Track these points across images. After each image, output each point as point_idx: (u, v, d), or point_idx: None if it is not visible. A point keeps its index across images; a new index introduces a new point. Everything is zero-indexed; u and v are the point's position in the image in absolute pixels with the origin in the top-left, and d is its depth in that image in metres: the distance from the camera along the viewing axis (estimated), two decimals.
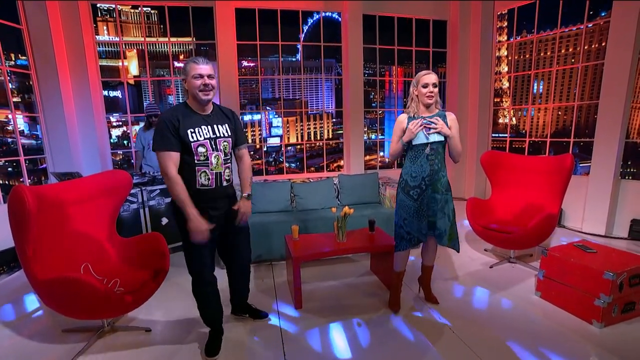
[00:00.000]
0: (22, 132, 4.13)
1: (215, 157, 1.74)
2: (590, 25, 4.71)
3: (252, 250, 3.10)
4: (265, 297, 2.56)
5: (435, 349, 1.92)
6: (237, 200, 1.93)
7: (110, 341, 2.06)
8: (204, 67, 1.66)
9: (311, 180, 3.92)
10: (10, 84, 3.89)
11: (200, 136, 1.70)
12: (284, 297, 2.56)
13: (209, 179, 1.73)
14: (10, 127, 4.08)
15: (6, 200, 3.59)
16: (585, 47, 4.89)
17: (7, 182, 4.21)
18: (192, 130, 1.68)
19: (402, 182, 2.20)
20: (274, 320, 2.26)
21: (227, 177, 1.82)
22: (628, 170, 4.29)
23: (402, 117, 2.17)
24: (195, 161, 1.69)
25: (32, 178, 4.23)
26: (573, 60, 5.07)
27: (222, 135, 1.78)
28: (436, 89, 2.06)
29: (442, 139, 2.07)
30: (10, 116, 3.89)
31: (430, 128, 2.04)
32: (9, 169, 4.16)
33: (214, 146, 1.73)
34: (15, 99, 4.02)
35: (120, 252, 2.25)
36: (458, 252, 2.30)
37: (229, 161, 1.83)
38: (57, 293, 1.74)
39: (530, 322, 2.18)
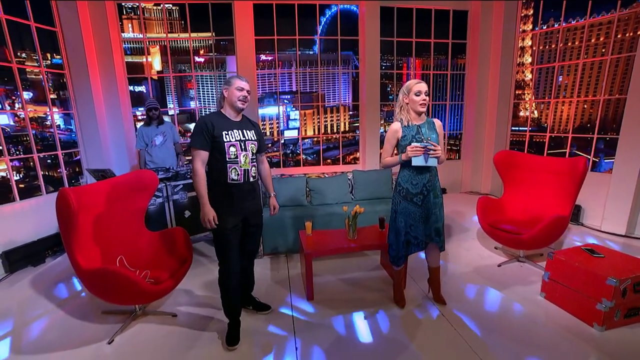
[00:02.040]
0: (58, 127, 4.47)
1: (243, 156, 2.02)
2: (626, 10, 4.45)
3: (268, 242, 3.36)
4: (280, 288, 2.76)
5: (439, 347, 2.05)
6: (261, 196, 2.28)
7: (142, 324, 2.33)
8: (245, 83, 2.02)
9: (326, 176, 4.04)
10: (48, 82, 4.19)
11: (232, 138, 1.99)
12: (297, 288, 2.75)
13: (238, 174, 2.00)
14: (48, 122, 4.43)
15: (48, 191, 3.95)
16: (619, 36, 4.64)
17: (46, 173, 4.59)
18: (226, 132, 1.97)
19: (402, 190, 2.23)
20: (287, 310, 2.45)
21: (253, 174, 2.09)
22: None
23: (397, 126, 2.19)
24: (227, 159, 1.97)
25: (67, 169, 4.59)
26: (604, 51, 4.83)
27: (250, 138, 2.07)
28: (427, 98, 2.12)
29: (436, 163, 2.11)
30: (48, 112, 4.21)
31: (429, 154, 2.06)
32: (48, 161, 4.53)
33: (243, 147, 2.02)
34: (51, 96, 4.33)
35: (149, 245, 2.50)
36: (443, 250, 2.36)
37: (254, 161, 2.11)
38: (98, 282, 2.00)
39: (533, 323, 2.25)
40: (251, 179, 2.07)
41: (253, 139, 2.08)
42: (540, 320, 2.28)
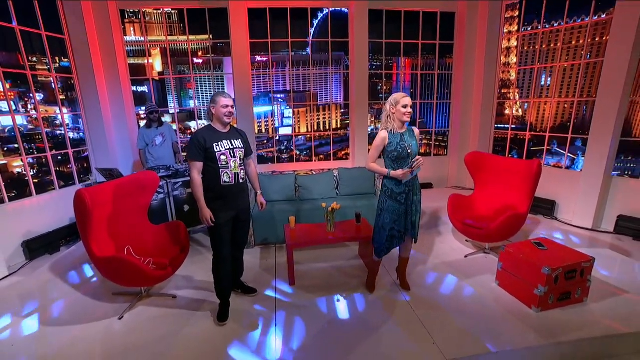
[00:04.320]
0: (67, 125, 4.82)
1: (233, 162, 2.37)
2: (604, 15, 4.66)
3: (259, 234, 3.72)
4: (266, 275, 3.14)
5: (395, 324, 2.42)
6: (249, 194, 2.61)
7: (147, 304, 2.72)
8: (229, 100, 2.32)
9: (314, 173, 4.38)
10: (57, 84, 4.53)
11: (222, 148, 2.32)
12: (282, 275, 3.12)
13: (229, 177, 2.36)
14: (57, 122, 4.78)
15: (60, 186, 4.31)
16: (597, 39, 4.87)
17: (57, 169, 4.98)
18: (216, 144, 2.30)
19: (388, 190, 2.53)
20: (271, 292, 2.83)
21: (242, 177, 2.44)
22: (629, 166, 4.41)
23: (385, 134, 2.45)
24: (219, 165, 2.31)
25: (76, 165, 4.96)
26: (582, 53, 5.05)
27: (237, 146, 2.40)
28: (411, 111, 2.44)
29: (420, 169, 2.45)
30: (58, 113, 4.56)
31: (414, 170, 2.39)
32: (59, 157, 4.90)
33: (232, 154, 2.36)
34: (60, 97, 4.67)
35: (152, 236, 2.87)
36: (416, 242, 2.69)
37: (242, 165, 2.46)
38: (109, 267, 2.38)
39: (482, 306, 2.61)
40: (241, 181, 2.43)
41: (240, 146, 2.42)
42: (490, 304, 2.63)
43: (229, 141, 2.36)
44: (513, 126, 5.70)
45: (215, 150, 2.29)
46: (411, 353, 2.13)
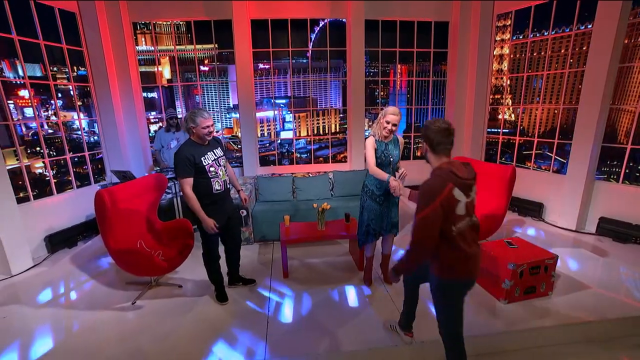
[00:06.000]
0: (83, 129, 5.21)
1: (220, 170, 2.63)
2: (590, 26, 4.86)
3: (258, 231, 4.02)
4: (263, 268, 3.46)
5: (374, 312, 2.71)
6: (232, 197, 2.90)
7: (156, 292, 3.06)
8: (209, 120, 2.46)
9: (310, 175, 4.68)
10: (75, 91, 4.93)
11: (209, 160, 2.55)
12: (277, 268, 3.43)
13: (220, 185, 2.62)
14: (74, 126, 5.17)
15: (78, 186, 4.68)
16: (584, 48, 5.09)
17: (74, 170, 5.37)
18: (204, 157, 2.51)
19: (369, 191, 2.80)
20: (266, 284, 3.14)
21: (228, 182, 2.75)
22: (613, 169, 4.62)
23: (372, 140, 2.66)
24: (210, 176, 2.54)
25: (92, 166, 5.35)
26: (571, 61, 5.26)
27: (220, 155, 2.66)
28: (395, 127, 2.63)
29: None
30: (75, 118, 4.94)
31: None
32: (75, 159, 5.29)
33: (218, 164, 2.61)
34: (78, 103, 5.05)
35: (161, 232, 3.20)
36: (397, 234, 2.97)
37: (225, 171, 2.71)
38: (124, 259, 2.72)
39: None
40: (228, 186, 2.74)
41: (221, 155, 2.66)
42: None
43: (211, 152, 2.56)
44: (505, 130, 5.92)
45: (204, 163, 2.47)
46: (386, 336, 2.42)
